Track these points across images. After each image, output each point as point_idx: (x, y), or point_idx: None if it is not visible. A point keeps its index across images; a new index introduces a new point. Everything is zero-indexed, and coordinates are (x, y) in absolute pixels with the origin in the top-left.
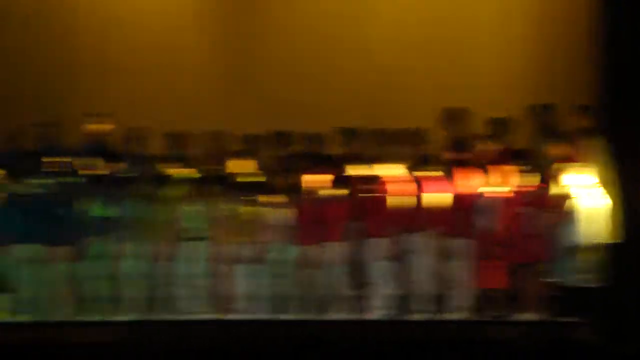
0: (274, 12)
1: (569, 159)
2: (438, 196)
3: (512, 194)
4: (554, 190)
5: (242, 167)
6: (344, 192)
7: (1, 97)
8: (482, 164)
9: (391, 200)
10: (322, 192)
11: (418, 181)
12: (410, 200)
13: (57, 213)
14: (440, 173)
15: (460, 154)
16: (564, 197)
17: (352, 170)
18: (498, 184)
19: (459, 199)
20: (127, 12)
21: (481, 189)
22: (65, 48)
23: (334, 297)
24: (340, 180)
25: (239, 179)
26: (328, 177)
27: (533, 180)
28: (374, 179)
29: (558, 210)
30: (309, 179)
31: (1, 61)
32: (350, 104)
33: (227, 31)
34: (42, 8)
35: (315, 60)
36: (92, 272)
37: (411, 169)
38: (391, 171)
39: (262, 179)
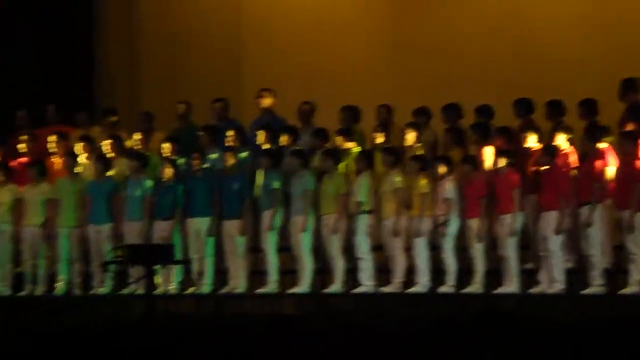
0: None
1: None
2: (614, 168)
3: None
4: None
5: (413, 140)
6: (517, 164)
7: (173, 78)
8: None
9: (565, 172)
10: (494, 164)
11: (594, 153)
12: (585, 172)
13: (231, 187)
14: (617, 144)
15: (638, 124)
16: None
17: (526, 142)
18: None
19: (635, 170)
20: None
21: None
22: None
23: (507, 270)
24: (513, 152)
25: (410, 152)
26: (500, 149)
27: None
28: (547, 151)
29: None
30: (481, 151)
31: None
32: (523, 76)
33: (395, 7)
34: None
35: (485, 34)
36: (269, 244)
37: (586, 140)
38: (565, 143)
39: (434, 151)
